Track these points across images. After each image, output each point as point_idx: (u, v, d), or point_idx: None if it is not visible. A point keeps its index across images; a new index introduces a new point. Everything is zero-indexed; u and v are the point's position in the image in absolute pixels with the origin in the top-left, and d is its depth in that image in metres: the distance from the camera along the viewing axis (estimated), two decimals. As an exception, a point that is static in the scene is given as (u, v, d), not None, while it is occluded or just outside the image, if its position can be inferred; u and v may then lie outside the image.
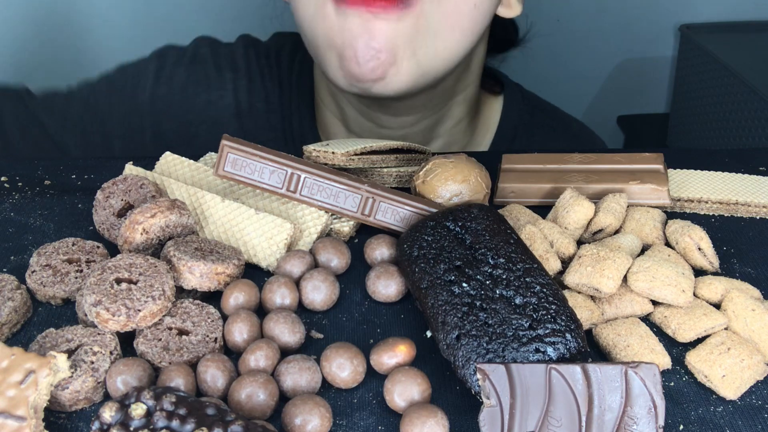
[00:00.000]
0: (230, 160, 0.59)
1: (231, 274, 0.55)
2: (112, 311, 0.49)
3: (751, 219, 0.64)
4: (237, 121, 0.85)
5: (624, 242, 0.58)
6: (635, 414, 0.43)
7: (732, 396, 0.48)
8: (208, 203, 0.61)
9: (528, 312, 0.49)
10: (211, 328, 0.52)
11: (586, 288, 0.54)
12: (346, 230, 0.62)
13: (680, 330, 0.52)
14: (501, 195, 0.66)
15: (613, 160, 0.67)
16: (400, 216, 0.60)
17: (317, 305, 0.55)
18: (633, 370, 0.43)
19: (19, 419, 0.43)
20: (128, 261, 0.53)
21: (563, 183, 0.65)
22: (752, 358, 0.49)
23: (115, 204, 0.62)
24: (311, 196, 0.60)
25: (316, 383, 0.48)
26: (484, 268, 0.52)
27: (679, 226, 0.59)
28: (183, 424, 0.41)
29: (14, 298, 0.53)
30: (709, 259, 0.57)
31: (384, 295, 0.56)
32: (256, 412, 0.46)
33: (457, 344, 0.48)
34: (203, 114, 0.86)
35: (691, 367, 0.50)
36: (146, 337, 0.50)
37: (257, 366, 0.48)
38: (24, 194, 0.68)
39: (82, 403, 0.48)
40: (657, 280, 0.53)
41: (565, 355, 0.48)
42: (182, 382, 0.47)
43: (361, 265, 0.60)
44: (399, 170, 0.67)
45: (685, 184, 0.66)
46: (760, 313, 0.51)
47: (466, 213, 0.56)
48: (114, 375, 0.47)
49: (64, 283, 0.56)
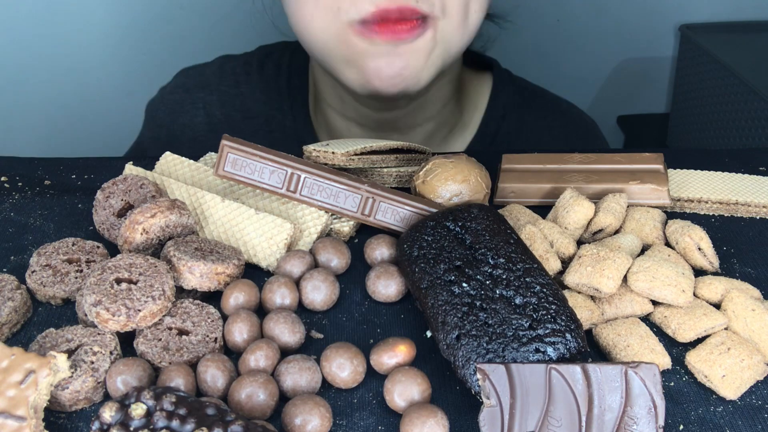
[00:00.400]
0: (230, 160, 0.59)
1: (231, 274, 0.55)
2: (112, 311, 0.49)
3: (751, 219, 0.64)
4: (212, 135, 0.88)
5: (624, 242, 0.58)
6: (635, 414, 0.43)
7: (732, 396, 0.48)
8: (208, 203, 0.61)
9: (528, 312, 0.49)
10: (211, 328, 0.52)
11: (586, 288, 0.54)
12: (346, 230, 0.62)
13: (680, 330, 0.52)
14: (501, 195, 0.66)
15: (613, 160, 0.67)
16: (400, 216, 0.60)
17: (317, 305, 0.55)
18: (633, 370, 0.43)
19: (19, 419, 0.43)
20: (128, 261, 0.53)
21: (563, 183, 0.65)
22: (752, 358, 0.49)
23: (115, 204, 0.62)
24: (311, 196, 0.60)
25: (316, 383, 0.48)
26: (484, 268, 0.52)
27: (679, 226, 0.59)
28: (183, 424, 0.41)
29: (14, 298, 0.53)
30: (709, 259, 0.57)
31: (384, 295, 0.56)
32: (256, 412, 0.46)
33: (457, 344, 0.48)
34: (182, 137, 0.90)
35: (691, 367, 0.50)
36: (146, 337, 0.50)
37: (257, 366, 0.48)
38: (24, 194, 0.68)
39: (82, 403, 0.48)
40: (657, 280, 0.53)
41: (565, 355, 0.48)
42: (182, 382, 0.47)
43: (361, 265, 0.60)
44: (399, 170, 0.67)
45: (685, 184, 0.66)
46: (760, 313, 0.51)
47: (466, 213, 0.56)
48: (114, 375, 0.47)
49: (64, 283, 0.56)
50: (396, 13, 0.65)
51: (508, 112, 0.87)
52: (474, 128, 0.87)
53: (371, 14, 0.65)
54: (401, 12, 0.65)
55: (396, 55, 0.68)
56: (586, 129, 0.92)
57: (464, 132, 0.87)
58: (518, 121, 0.87)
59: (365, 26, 0.66)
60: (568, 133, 0.90)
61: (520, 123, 0.88)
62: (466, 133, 0.87)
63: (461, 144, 0.87)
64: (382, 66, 0.68)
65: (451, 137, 0.87)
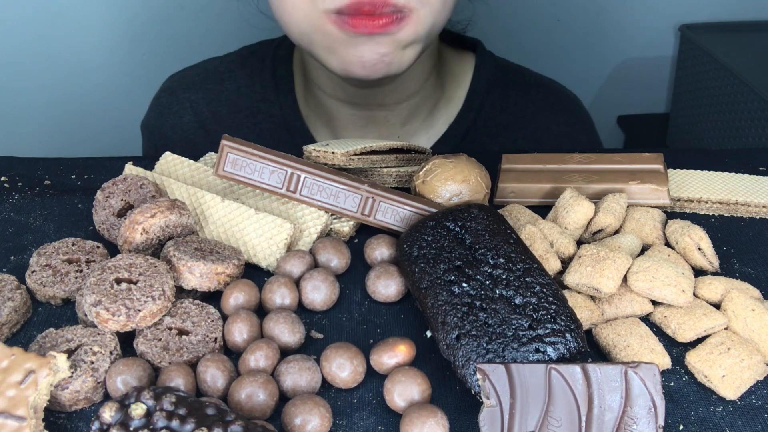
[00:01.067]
0: (230, 160, 0.59)
1: (231, 274, 0.55)
2: (112, 311, 0.49)
3: (751, 219, 0.64)
4: (202, 131, 0.90)
5: (624, 242, 0.58)
6: (635, 414, 0.43)
7: (732, 396, 0.48)
8: (208, 203, 0.61)
9: (528, 312, 0.49)
10: (211, 328, 0.52)
11: (586, 288, 0.54)
12: (346, 230, 0.62)
13: (680, 330, 0.52)
14: (501, 195, 0.66)
15: (613, 160, 0.67)
16: (400, 216, 0.60)
17: (317, 305, 0.55)
18: (633, 370, 0.43)
19: (19, 419, 0.43)
20: (128, 261, 0.53)
21: (563, 183, 0.65)
22: (752, 358, 0.49)
23: (115, 204, 0.62)
24: (311, 196, 0.60)
25: (316, 383, 0.48)
26: (484, 268, 0.52)
27: (679, 226, 0.59)
28: (183, 424, 0.41)
29: (14, 298, 0.53)
30: (709, 259, 0.57)
31: (384, 295, 0.56)
32: (256, 412, 0.46)
33: (457, 344, 0.48)
34: (173, 137, 0.91)
35: (691, 367, 0.50)
36: (146, 337, 0.50)
37: (257, 366, 0.48)
38: (24, 194, 0.68)
39: (82, 403, 0.48)
40: (657, 280, 0.53)
41: (565, 355, 0.48)
42: (182, 382, 0.47)
43: (361, 265, 0.60)
44: (399, 170, 0.67)
45: (685, 184, 0.66)
46: (760, 313, 0.51)
47: (466, 213, 0.56)
48: (114, 375, 0.47)
49: (64, 283, 0.56)
50: (369, 6, 0.64)
51: (492, 87, 0.88)
52: (459, 102, 0.88)
53: (345, 6, 0.65)
54: (374, 5, 0.64)
55: (376, 44, 0.67)
56: (569, 102, 0.94)
57: (449, 105, 0.89)
58: (502, 96, 0.89)
59: (340, 17, 0.66)
60: (551, 105, 0.91)
61: (504, 97, 0.89)
62: (451, 107, 0.88)
63: (447, 117, 0.88)
64: (364, 52, 0.68)
65: (437, 110, 0.88)
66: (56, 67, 1.38)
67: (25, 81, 1.38)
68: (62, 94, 1.40)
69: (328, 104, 0.85)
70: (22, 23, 1.32)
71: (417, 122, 0.87)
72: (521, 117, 0.89)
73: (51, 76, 1.38)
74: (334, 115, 0.86)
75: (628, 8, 1.49)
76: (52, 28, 1.34)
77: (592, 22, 1.51)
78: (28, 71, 1.37)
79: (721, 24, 1.50)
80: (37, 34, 1.34)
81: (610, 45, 1.54)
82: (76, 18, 1.34)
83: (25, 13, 1.32)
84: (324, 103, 0.86)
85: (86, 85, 1.40)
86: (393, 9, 0.66)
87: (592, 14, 1.50)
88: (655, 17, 1.51)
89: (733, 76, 1.34)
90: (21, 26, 1.33)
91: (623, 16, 1.50)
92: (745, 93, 1.31)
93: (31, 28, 1.33)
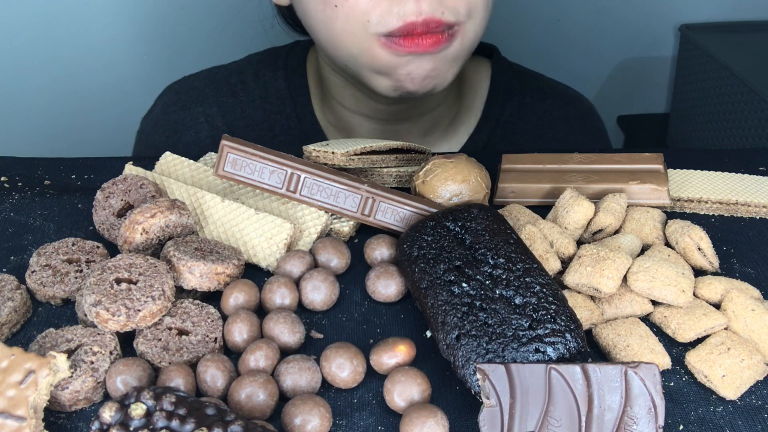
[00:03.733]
0: (230, 160, 0.59)
1: (231, 274, 0.55)
2: (112, 311, 0.49)
3: (751, 219, 0.64)
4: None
5: (624, 242, 0.58)
6: (635, 414, 0.43)
7: (732, 396, 0.48)
8: (208, 203, 0.61)
9: (528, 312, 0.49)
10: (211, 328, 0.52)
11: (586, 288, 0.54)
12: (346, 230, 0.62)
13: (680, 330, 0.52)
14: (501, 195, 0.66)
15: (613, 160, 0.67)
16: (400, 216, 0.60)
17: (317, 305, 0.55)
18: (633, 370, 0.43)
19: (19, 419, 0.43)
20: (128, 261, 0.53)
21: (563, 183, 0.65)
22: (752, 358, 0.49)
23: (115, 204, 0.62)
24: (311, 196, 0.60)
25: (316, 383, 0.48)
26: (484, 268, 0.52)
27: (679, 226, 0.59)
28: (183, 424, 0.41)
29: (14, 298, 0.53)
30: (709, 259, 0.57)
31: (384, 295, 0.56)
32: (256, 412, 0.46)
33: (457, 344, 0.48)
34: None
35: (691, 367, 0.50)
36: (146, 337, 0.50)
37: (257, 366, 0.48)
38: (24, 194, 0.68)
39: (82, 403, 0.48)
40: (657, 280, 0.53)
41: (565, 355, 0.48)
42: (182, 382, 0.47)
43: (361, 265, 0.60)
44: (399, 170, 0.67)
45: (685, 184, 0.66)
46: (760, 313, 0.51)
47: (466, 213, 0.56)
48: (114, 375, 0.47)
49: (64, 283, 0.56)
50: (422, 27, 0.65)
51: (509, 95, 0.88)
52: (477, 112, 0.88)
53: (397, 29, 0.65)
54: (427, 25, 0.65)
55: (423, 60, 0.68)
56: (584, 110, 0.94)
57: (468, 115, 0.88)
58: (519, 104, 0.88)
59: (390, 39, 0.66)
60: (566, 114, 0.91)
61: (521, 106, 0.89)
62: (470, 117, 0.88)
63: (467, 127, 0.88)
64: (413, 69, 0.69)
65: (457, 120, 0.88)
66: (56, 68, 1.38)
67: (25, 81, 1.38)
68: (62, 95, 1.40)
69: (348, 118, 0.85)
70: (23, 23, 1.32)
71: (437, 133, 0.87)
72: (538, 126, 0.89)
73: (51, 76, 1.38)
74: (355, 128, 0.85)
75: (628, 8, 1.49)
76: (52, 29, 1.34)
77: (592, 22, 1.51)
78: (28, 71, 1.37)
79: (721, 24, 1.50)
80: (37, 34, 1.34)
81: (610, 45, 1.54)
82: (76, 18, 1.34)
83: (25, 13, 1.32)
84: (343, 117, 0.85)
85: (86, 85, 1.40)
86: (444, 27, 0.66)
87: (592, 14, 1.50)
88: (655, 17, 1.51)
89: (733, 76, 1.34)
90: (21, 26, 1.33)
91: (623, 16, 1.51)
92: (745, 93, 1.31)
93: (32, 28, 1.33)
